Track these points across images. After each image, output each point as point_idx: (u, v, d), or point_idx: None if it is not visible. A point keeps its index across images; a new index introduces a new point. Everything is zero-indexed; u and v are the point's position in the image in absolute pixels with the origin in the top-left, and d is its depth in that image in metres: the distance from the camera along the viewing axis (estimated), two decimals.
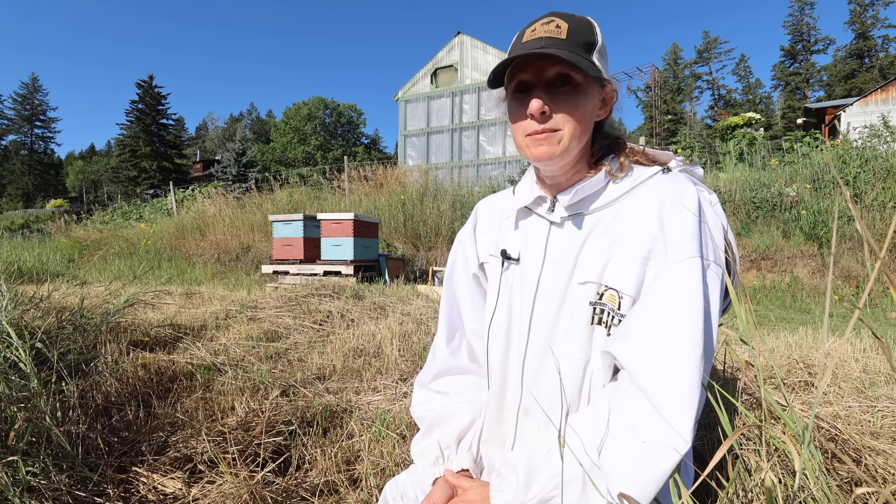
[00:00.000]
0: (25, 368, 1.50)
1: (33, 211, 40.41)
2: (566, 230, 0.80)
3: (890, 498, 0.46)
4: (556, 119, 0.75)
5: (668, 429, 0.60)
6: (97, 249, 10.59)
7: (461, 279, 0.96)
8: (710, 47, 51.67)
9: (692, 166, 0.82)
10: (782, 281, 6.24)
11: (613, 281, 0.74)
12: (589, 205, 0.79)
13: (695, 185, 0.77)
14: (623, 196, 0.78)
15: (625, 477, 0.61)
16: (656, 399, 0.62)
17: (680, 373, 0.62)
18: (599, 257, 0.75)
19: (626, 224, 0.75)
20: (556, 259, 0.79)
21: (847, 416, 1.39)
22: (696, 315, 0.65)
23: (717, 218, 0.74)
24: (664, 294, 0.68)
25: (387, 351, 2.41)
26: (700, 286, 0.66)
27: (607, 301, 0.74)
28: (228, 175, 17.05)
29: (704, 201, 0.75)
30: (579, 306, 0.76)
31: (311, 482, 1.35)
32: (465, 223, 0.99)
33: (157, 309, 3.67)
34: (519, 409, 0.82)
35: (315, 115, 48.65)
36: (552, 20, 0.75)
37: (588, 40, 0.75)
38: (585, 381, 0.75)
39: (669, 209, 0.73)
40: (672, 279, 0.68)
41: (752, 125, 16.51)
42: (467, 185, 10.63)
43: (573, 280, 0.77)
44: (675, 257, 0.69)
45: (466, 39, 22.33)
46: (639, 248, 0.73)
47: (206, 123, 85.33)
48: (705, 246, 0.70)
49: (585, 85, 0.75)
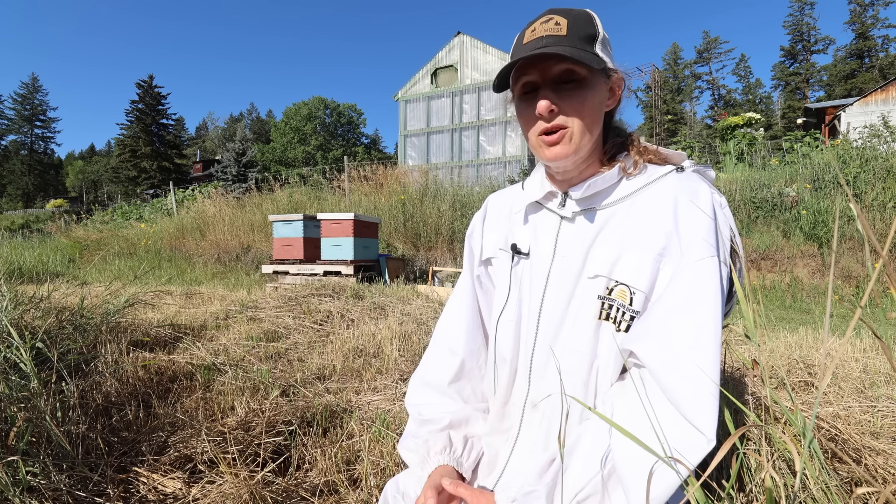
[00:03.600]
0: (26, 368, 1.50)
1: (33, 211, 40.41)
2: (577, 225, 0.80)
3: (890, 498, 0.46)
4: (565, 116, 0.75)
5: (693, 430, 0.60)
6: (97, 249, 10.59)
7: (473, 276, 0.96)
8: (710, 47, 51.67)
9: (705, 168, 0.82)
10: (782, 281, 6.24)
11: (625, 276, 0.74)
12: (601, 200, 0.79)
13: (709, 187, 0.77)
14: (637, 192, 0.77)
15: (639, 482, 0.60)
16: (682, 401, 0.62)
17: (703, 376, 0.62)
18: (611, 252, 0.75)
19: (639, 220, 0.75)
20: (567, 254, 0.79)
21: (847, 416, 1.39)
22: (716, 318, 0.65)
23: (727, 220, 0.74)
24: (685, 294, 0.68)
25: (387, 351, 2.41)
26: (718, 287, 0.67)
27: (617, 297, 0.74)
28: (228, 175, 17.06)
29: (716, 202, 0.75)
30: (588, 300, 0.76)
31: (311, 482, 1.35)
32: (475, 214, 0.99)
33: (157, 309, 3.67)
34: (526, 402, 0.82)
35: (315, 115, 48.64)
36: (551, 17, 0.75)
37: (589, 32, 0.75)
38: (591, 377, 0.75)
39: (684, 207, 0.73)
40: (693, 279, 0.68)
41: (752, 125, 16.51)
42: (467, 185, 10.62)
43: (583, 275, 0.77)
44: (694, 256, 0.69)
45: (466, 39, 22.32)
46: (653, 244, 0.72)
47: (206, 123, 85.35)
48: (720, 246, 0.71)
49: (591, 78, 0.75)
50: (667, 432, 0.62)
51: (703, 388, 0.62)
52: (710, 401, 0.61)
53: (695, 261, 0.68)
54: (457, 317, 0.95)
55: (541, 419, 0.80)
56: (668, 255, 0.71)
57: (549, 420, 0.79)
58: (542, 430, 0.80)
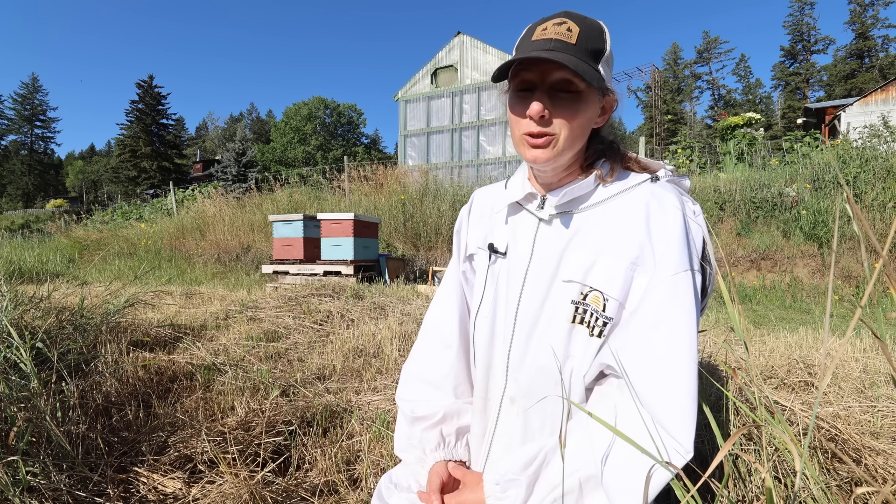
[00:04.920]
0: (26, 368, 1.50)
1: (33, 211, 40.43)
2: (554, 227, 0.82)
3: (890, 497, 0.46)
4: (554, 123, 0.76)
5: (672, 440, 0.63)
6: (97, 249, 10.59)
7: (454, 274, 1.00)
8: (710, 47, 51.67)
9: (680, 177, 0.84)
10: (782, 281, 6.24)
11: (599, 283, 0.76)
12: (578, 205, 0.81)
13: (680, 195, 0.79)
14: (610, 199, 0.80)
15: (625, 487, 0.63)
16: (660, 414, 0.65)
17: (681, 388, 0.65)
18: (585, 257, 0.77)
19: (612, 227, 0.77)
20: (544, 255, 0.82)
21: (847, 416, 1.39)
22: (692, 333, 0.68)
23: (700, 229, 0.77)
24: (660, 310, 0.70)
25: (387, 351, 2.41)
26: (693, 302, 0.70)
27: (591, 302, 0.76)
28: (228, 175, 17.07)
29: (688, 211, 0.77)
30: (561, 303, 0.78)
31: (311, 482, 1.35)
32: (462, 208, 1.02)
33: (157, 309, 3.67)
34: (503, 397, 0.84)
35: (315, 115, 48.65)
36: (564, 21, 0.75)
37: (597, 48, 0.75)
38: (564, 377, 0.77)
39: (656, 217, 0.75)
40: (667, 294, 0.70)
41: (752, 125, 16.49)
42: (467, 185, 10.60)
43: (558, 277, 0.79)
44: (668, 270, 0.71)
45: (466, 39, 22.31)
46: (626, 252, 0.75)
47: (206, 123, 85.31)
48: (692, 257, 0.73)
49: (587, 93, 0.76)
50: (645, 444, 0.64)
51: (680, 402, 0.64)
52: (688, 413, 0.64)
53: (669, 276, 0.71)
54: (447, 309, 0.97)
55: (517, 413, 0.83)
56: (642, 265, 0.74)
57: (526, 415, 0.81)
58: (518, 423, 0.83)
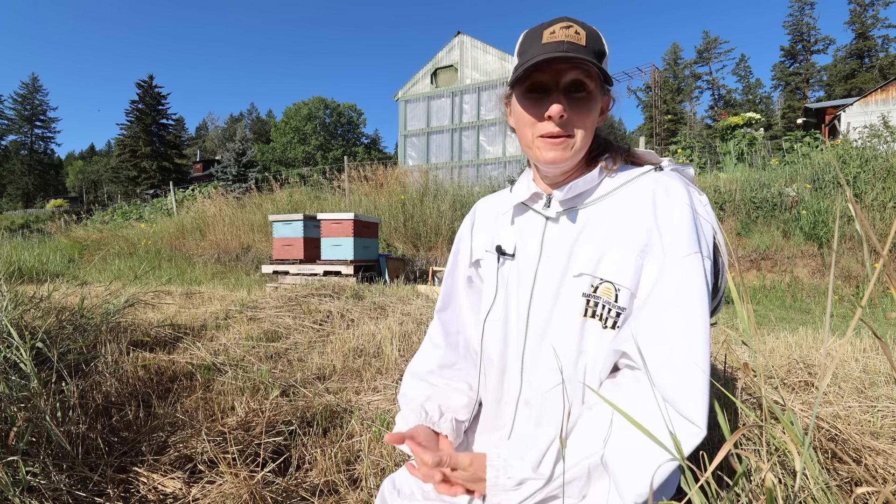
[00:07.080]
0: (26, 368, 1.50)
1: (33, 211, 40.43)
2: (562, 224, 0.82)
3: (890, 497, 0.46)
4: (570, 124, 0.77)
5: (685, 421, 0.63)
6: (97, 249, 10.59)
7: (460, 278, 1.01)
8: (710, 47, 51.66)
9: (683, 166, 0.85)
10: (782, 281, 6.24)
11: (609, 274, 0.76)
12: (583, 200, 0.82)
13: (686, 184, 0.80)
14: (616, 190, 0.80)
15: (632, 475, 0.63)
16: (674, 394, 0.65)
17: (695, 371, 0.65)
18: (594, 250, 0.77)
19: (619, 217, 0.78)
20: (553, 253, 0.82)
21: (847, 416, 1.39)
22: (704, 313, 0.68)
23: (709, 218, 0.77)
24: (673, 292, 0.70)
25: (387, 351, 2.41)
26: (703, 283, 0.69)
27: (602, 294, 0.76)
28: (228, 175, 17.06)
29: (696, 200, 0.78)
30: (573, 298, 0.78)
31: (311, 482, 1.35)
32: (465, 219, 1.03)
33: (157, 309, 3.67)
34: (518, 399, 0.84)
35: (315, 115, 48.66)
36: (571, 25, 0.76)
37: (600, 49, 0.77)
38: (578, 374, 0.77)
39: (662, 203, 0.76)
40: (679, 277, 0.70)
41: (752, 125, 16.49)
42: (467, 184, 10.62)
43: (568, 273, 0.79)
44: (678, 253, 0.71)
45: (466, 39, 22.31)
46: (634, 240, 0.75)
47: (206, 123, 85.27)
48: (701, 241, 0.73)
49: (596, 93, 0.78)
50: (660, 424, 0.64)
51: (694, 382, 0.64)
52: (702, 393, 0.64)
53: (679, 258, 0.71)
54: (439, 315, 1.01)
55: (530, 415, 0.83)
56: (651, 252, 0.74)
57: (539, 415, 0.81)
58: (531, 425, 0.83)
